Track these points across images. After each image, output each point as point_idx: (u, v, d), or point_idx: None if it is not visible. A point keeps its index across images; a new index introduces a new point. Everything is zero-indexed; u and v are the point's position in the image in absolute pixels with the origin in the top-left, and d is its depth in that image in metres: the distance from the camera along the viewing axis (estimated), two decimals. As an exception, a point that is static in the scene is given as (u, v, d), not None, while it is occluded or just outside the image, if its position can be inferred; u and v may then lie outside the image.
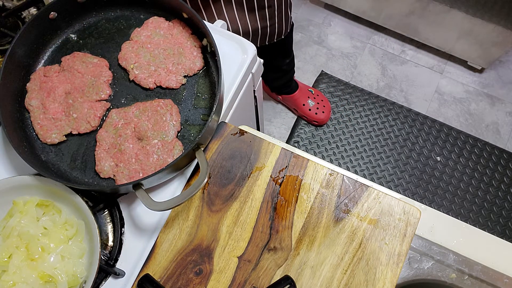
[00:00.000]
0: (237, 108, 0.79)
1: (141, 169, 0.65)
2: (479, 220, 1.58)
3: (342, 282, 0.63)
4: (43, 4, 0.78)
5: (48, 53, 0.74)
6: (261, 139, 0.71)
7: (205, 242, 0.66)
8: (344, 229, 0.66)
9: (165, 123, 0.67)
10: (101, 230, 0.66)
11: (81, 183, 0.66)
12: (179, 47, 0.72)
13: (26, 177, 0.64)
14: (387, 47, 1.86)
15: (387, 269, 0.64)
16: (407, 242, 0.65)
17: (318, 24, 1.91)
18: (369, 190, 0.68)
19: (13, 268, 0.60)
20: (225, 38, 0.76)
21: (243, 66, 0.74)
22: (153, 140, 0.67)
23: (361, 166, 1.66)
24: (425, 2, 1.57)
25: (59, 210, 0.65)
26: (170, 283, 0.64)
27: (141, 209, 0.68)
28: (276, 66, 1.46)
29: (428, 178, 1.63)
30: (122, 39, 0.74)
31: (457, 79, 1.81)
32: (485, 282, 0.69)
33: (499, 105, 1.77)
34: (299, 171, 0.69)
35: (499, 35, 1.54)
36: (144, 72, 0.71)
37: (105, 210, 0.68)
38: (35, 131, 0.68)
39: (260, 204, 0.67)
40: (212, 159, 0.70)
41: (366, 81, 1.81)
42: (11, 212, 0.64)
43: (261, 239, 0.66)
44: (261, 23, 1.02)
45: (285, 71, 1.52)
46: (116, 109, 0.69)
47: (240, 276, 0.64)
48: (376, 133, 1.70)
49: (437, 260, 0.70)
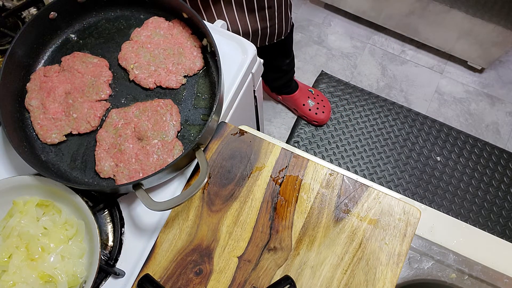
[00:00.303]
0: (237, 108, 0.79)
1: (141, 169, 0.65)
2: (479, 220, 1.58)
3: (342, 282, 0.63)
4: (43, 4, 0.78)
5: (48, 53, 0.74)
6: (261, 139, 0.71)
7: (205, 242, 0.66)
8: (344, 229, 0.66)
9: (165, 123, 0.68)
10: (101, 230, 0.66)
11: (81, 183, 0.66)
12: (179, 47, 0.72)
13: (26, 177, 0.64)
14: (387, 47, 1.86)
15: (387, 269, 0.64)
16: (407, 242, 0.65)
17: (318, 24, 1.91)
18: (369, 190, 0.68)
19: (13, 268, 0.60)
20: (225, 38, 0.76)
21: (243, 66, 0.74)
22: (153, 140, 0.67)
23: (361, 166, 1.66)
24: (425, 2, 1.57)
25: (59, 210, 0.65)
26: (170, 283, 0.64)
27: (141, 209, 0.68)
28: (276, 66, 1.46)
29: (428, 178, 1.63)
30: (122, 39, 0.74)
31: (457, 79, 1.81)
32: (485, 282, 0.69)
33: (499, 105, 1.77)
34: (299, 171, 0.69)
35: (499, 35, 1.54)
36: (144, 72, 0.71)
37: (105, 210, 0.68)
38: (35, 131, 0.69)
39: (260, 204, 0.67)
40: (212, 159, 0.70)
41: (366, 81, 1.81)
42: (11, 212, 0.64)
43: (261, 239, 0.66)
44: (261, 24, 1.02)
45: (285, 71, 1.52)
46: (116, 109, 0.70)
47: (240, 276, 0.64)
48: (376, 133, 1.70)
49: (437, 260, 0.70)
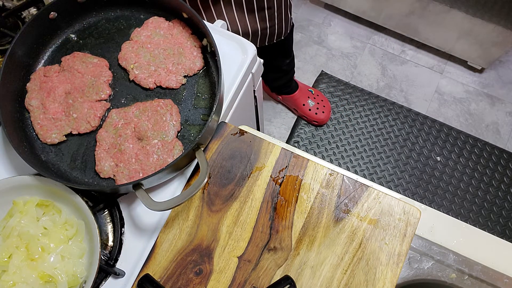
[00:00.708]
0: (237, 108, 0.79)
1: (141, 169, 0.65)
2: (479, 220, 1.58)
3: (342, 282, 0.63)
4: (43, 4, 0.78)
5: (48, 53, 0.74)
6: (261, 139, 0.71)
7: (205, 242, 0.66)
8: (344, 229, 0.66)
9: (165, 123, 0.67)
10: (101, 230, 0.66)
11: (81, 183, 0.66)
12: (179, 47, 0.72)
13: (26, 177, 0.64)
14: (387, 47, 1.86)
15: (387, 269, 0.64)
16: (407, 242, 0.65)
17: (318, 24, 1.91)
18: (369, 190, 0.68)
19: (13, 268, 0.60)
20: (225, 38, 0.76)
21: (243, 66, 0.74)
22: (153, 140, 0.67)
23: (361, 166, 1.66)
24: (425, 2, 1.57)
25: (59, 210, 0.65)
26: (170, 283, 0.64)
27: (141, 209, 0.68)
28: (276, 66, 1.46)
29: (428, 178, 1.63)
30: (122, 39, 0.74)
31: (457, 79, 1.81)
32: (485, 282, 0.69)
33: (499, 105, 1.77)
34: (299, 171, 0.69)
35: (499, 35, 1.54)
36: (144, 72, 0.71)
37: (105, 210, 0.68)
38: (35, 131, 0.69)
39: (260, 204, 0.67)
40: (212, 159, 0.70)
41: (366, 81, 1.81)
42: (11, 212, 0.64)
43: (261, 239, 0.66)
44: (261, 24, 1.02)
45: (285, 71, 1.52)
46: (116, 109, 0.69)
47: (240, 276, 0.64)
48: (376, 133, 1.70)
49: (437, 260, 0.70)
